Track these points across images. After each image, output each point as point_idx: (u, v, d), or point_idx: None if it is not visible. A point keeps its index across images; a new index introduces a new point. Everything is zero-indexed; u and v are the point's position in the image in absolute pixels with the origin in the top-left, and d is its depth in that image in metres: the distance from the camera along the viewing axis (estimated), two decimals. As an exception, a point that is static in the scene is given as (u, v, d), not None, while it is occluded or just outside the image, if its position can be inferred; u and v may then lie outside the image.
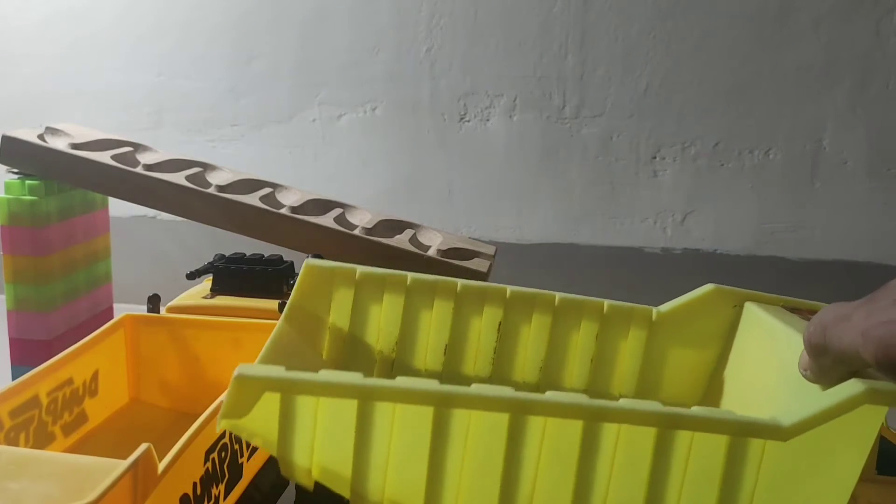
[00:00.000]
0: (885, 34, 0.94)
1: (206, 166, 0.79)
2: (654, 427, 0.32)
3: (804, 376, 0.35)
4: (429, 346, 0.48)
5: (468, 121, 1.02)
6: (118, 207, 0.80)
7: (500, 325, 0.47)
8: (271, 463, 0.51)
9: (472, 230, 1.04)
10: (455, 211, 1.04)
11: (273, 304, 0.64)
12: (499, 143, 1.02)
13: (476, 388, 0.32)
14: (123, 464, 0.34)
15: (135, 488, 0.35)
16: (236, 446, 0.45)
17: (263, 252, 0.72)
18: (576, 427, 0.32)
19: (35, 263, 0.71)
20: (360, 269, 0.46)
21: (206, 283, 0.70)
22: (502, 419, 0.32)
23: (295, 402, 0.33)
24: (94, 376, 0.55)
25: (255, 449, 0.48)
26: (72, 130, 0.77)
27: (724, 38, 0.97)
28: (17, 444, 0.46)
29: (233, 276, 0.67)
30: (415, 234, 0.78)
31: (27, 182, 0.70)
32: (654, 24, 0.97)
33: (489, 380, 0.48)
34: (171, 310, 0.64)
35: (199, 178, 0.75)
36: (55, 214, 0.72)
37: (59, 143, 0.73)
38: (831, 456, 0.32)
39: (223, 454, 0.43)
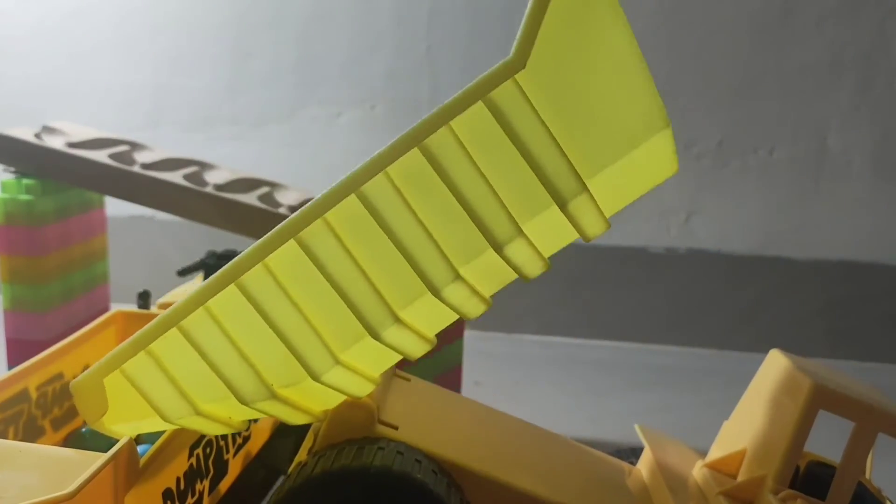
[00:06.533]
0: (890, 33, 0.93)
1: (204, 165, 0.79)
2: (413, 150, 0.31)
3: None
4: None
5: (469, 120, 1.01)
6: (115, 207, 0.80)
7: None
8: (259, 459, 0.51)
9: (473, 230, 1.03)
10: (456, 211, 1.04)
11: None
12: (500, 143, 1.02)
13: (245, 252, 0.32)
14: (104, 457, 0.34)
15: (115, 481, 0.34)
16: (221, 443, 0.45)
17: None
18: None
19: (32, 263, 0.70)
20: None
21: (198, 280, 0.70)
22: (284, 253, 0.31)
23: (135, 367, 0.33)
24: (85, 371, 0.54)
25: (240, 445, 0.48)
26: (69, 129, 0.77)
27: (726, 37, 0.96)
28: (5, 438, 0.46)
29: (225, 273, 0.67)
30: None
31: (24, 181, 0.70)
32: (656, 22, 0.97)
33: None
34: (161, 307, 0.63)
35: (196, 177, 0.75)
36: (52, 214, 0.71)
37: (56, 142, 0.73)
38: (592, 44, 0.30)
39: (208, 450, 0.43)
